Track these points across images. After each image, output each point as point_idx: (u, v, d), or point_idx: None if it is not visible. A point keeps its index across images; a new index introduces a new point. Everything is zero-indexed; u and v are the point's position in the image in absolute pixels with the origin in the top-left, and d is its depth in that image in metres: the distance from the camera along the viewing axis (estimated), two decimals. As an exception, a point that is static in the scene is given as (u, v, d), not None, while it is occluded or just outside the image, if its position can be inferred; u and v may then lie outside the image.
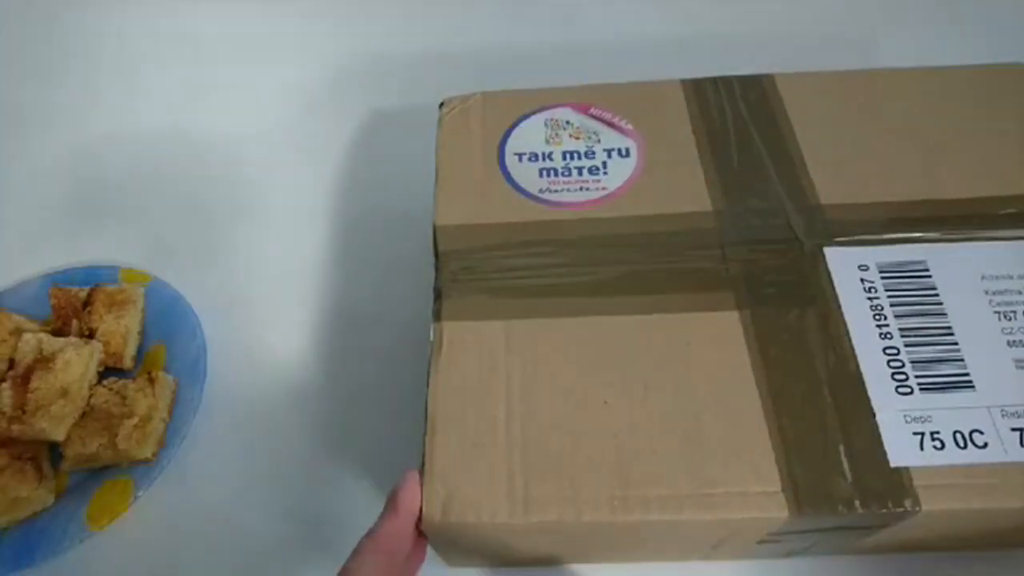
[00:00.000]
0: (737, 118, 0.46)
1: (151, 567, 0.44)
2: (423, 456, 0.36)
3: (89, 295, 0.52)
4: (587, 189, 0.43)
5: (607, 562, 0.41)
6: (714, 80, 0.48)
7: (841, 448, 0.35)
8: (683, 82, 0.48)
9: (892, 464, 0.34)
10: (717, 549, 0.39)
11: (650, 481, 0.34)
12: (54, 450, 0.47)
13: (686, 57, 0.53)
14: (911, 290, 0.39)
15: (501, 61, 0.64)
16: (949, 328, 0.37)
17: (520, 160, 0.45)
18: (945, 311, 0.38)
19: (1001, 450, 0.34)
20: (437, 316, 0.40)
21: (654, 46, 0.62)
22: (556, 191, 0.43)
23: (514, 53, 0.64)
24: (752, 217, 0.42)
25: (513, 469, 0.35)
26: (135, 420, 0.46)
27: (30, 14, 0.64)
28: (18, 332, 0.50)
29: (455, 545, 0.38)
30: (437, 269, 0.41)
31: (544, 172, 0.44)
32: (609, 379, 0.37)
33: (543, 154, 0.45)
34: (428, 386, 0.38)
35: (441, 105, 0.48)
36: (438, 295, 0.40)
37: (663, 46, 0.62)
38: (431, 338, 0.39)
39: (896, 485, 0.34)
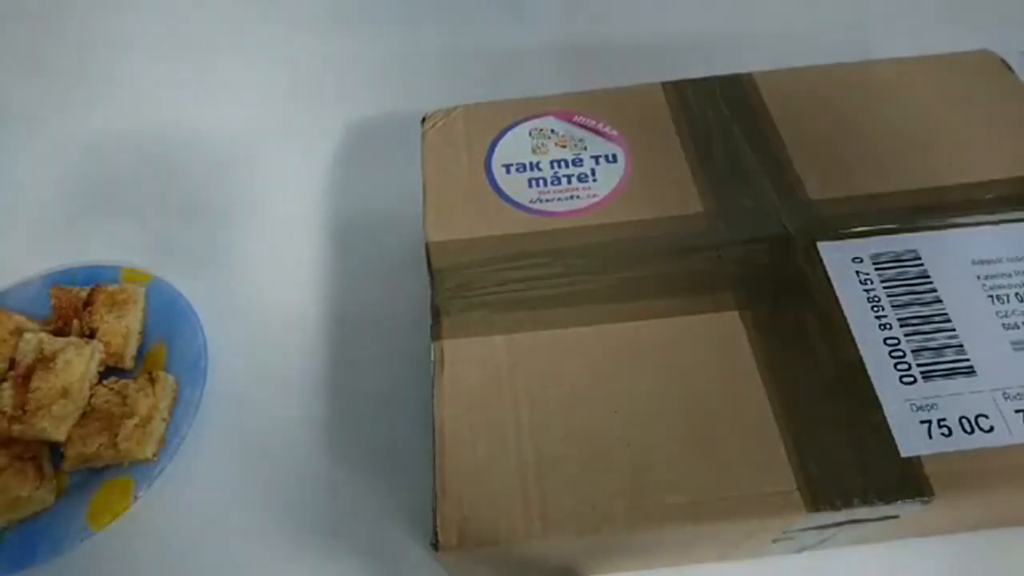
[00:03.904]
0: (720, 118, 0.41)
1: (152, 567, 0.39)
2: (433, 480, 0.30)
3: (90, 295, 0.45)
4: (577, 197, 0.38)
5: (622, 571, 0.36)
6: (694, 81, 0.43)
7: (852, 442, 0.30)
8: (664, 84, 0.43)
9: (902, 454, 0.29)
10: (733, 550, 0.34)
11: (666, 489, 0.29)
12: (54, 450, 0.41)
13: (666, 58, 0.47)
14: (905, 280, 0.34)
15: (484, 65, 0.58)
16: (946, 315, 0.33)
17: (508, 172, 0.39)
18: (940, 298, 0.33)
19: (1007, 433, 0.30)
20: (436, 335, 0.34)
21: (633, 47, 0.57)
22: (547, 201, 0.38)
23: (494, 57, 0.58)
24: (743, 216, 0.37)
25: (528, 487, 0.30)
26: (136, 420, 0.40)
27: (29, 14, 0.57)
28: (19, 332, 0.44)
29: (468, 566, 0.32)
30: (432, 287, 0.36)
31: (533, 182, 0.39)
32: (616, 388, 0.32)
33: (531, 164, 0.39)
34: (433, 407, 0.32)
35: (423, 121, 0.42)
36: (436, 313, 0.35)
37: (641, 47, 0.56)
38: (432, 358, 0.33)
39: (908, 475, 0.29)
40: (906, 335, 0.32)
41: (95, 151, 0.56)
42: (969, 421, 0.30)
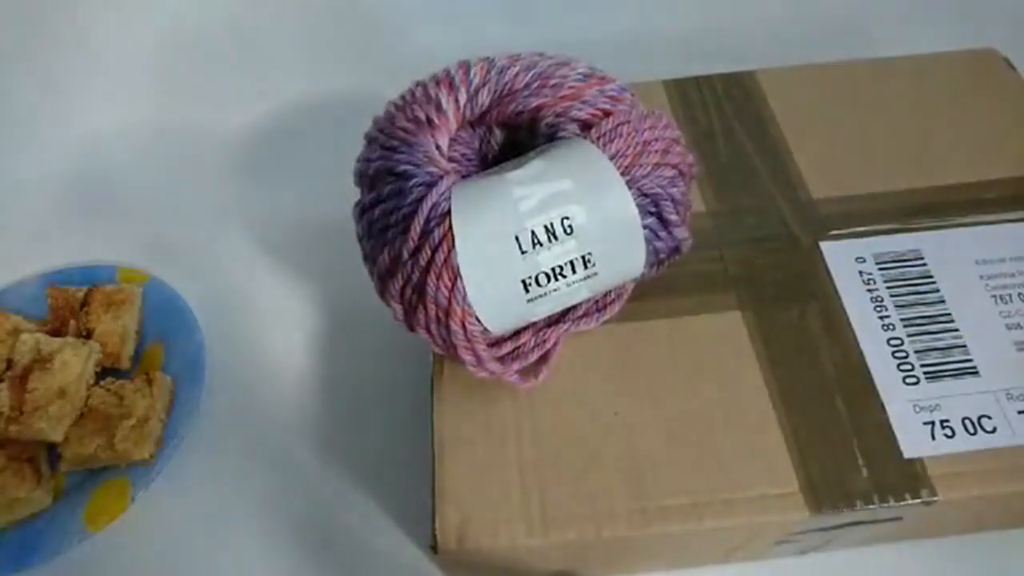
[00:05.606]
0: (722, 117, 0.41)
1: (149, 568, 0.38)
2: (433, 482, 0.30)
3: (87, 295, 0.45)
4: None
5: (623, 573, 0.36)
6: (696, 79, 0.43)
7: (854, 443, 0.30)
8: (665, 83, 0.43)
9: (906, 455, 0.29)
10: (735, 552, 0.33)
11: (667, 490, 0.29)
12: (52, 451, 0.41)
13: (668, 56, 0.47)
14: (909, 280, 0.34)
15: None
16: (949, 315, 0.32)
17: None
18: (943, 298, 0.33)
19: (1010, 433, 0.29)
20: None
21: (634, 45, 0.56)
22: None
23: (494, 55, 0.57)
24: (746, 216, 0.37)
25: (527, 488, 0.29)
26: (133, 421, 0.39)
27: (28, 14, 0.56)
28: (16, 332, 0.43)
29: (468, 568, 0.32)
30: None
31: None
32: (617, 388, 0.32)
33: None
34: (432, 408, 0.32)
35: None
36: None
37: (643, 45, 0.56)
38: (432, 358, 0.33)
39: (911, 476, 0.29)
40: (909, 335, 0.32)
41: (92, 151, 0.55)
42: (972, 422, 0.30)
